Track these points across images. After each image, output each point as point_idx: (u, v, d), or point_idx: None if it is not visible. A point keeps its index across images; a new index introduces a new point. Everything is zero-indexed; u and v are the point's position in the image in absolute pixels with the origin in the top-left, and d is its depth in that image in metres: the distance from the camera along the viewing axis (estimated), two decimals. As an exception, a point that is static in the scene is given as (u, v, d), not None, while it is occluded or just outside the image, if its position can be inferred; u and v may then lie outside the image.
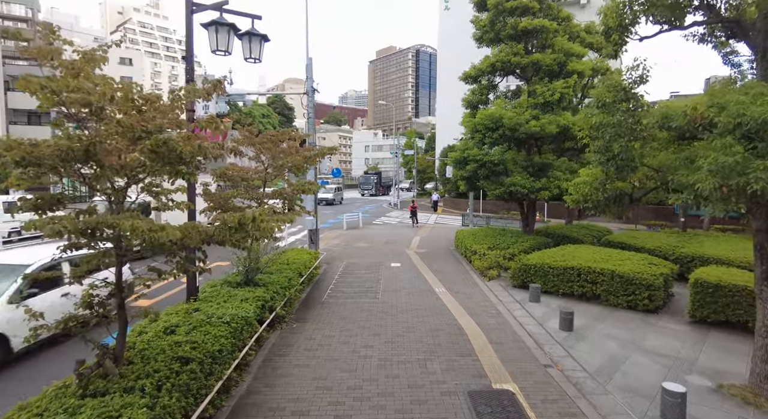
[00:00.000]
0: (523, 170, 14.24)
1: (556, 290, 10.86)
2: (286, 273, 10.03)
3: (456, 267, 14.05)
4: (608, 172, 6.12)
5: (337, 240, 19.65)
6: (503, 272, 13.17)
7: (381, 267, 13.78)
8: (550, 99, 13.80)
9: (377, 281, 11.99)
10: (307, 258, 12.24)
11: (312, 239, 16.75)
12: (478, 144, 14.54)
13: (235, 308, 6.99)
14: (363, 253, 16.43)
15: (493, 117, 13.82)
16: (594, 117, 6.28)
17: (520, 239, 14.75)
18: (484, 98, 15.82)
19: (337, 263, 14.42)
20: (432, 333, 8.02)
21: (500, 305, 9.93)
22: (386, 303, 9.88)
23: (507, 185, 13.83)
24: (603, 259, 11.00)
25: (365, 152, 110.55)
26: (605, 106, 6.01)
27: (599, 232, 18.07)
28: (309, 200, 16.36)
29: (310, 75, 16.68)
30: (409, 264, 14.34)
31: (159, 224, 3.74)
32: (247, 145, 9.87)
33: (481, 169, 14.27)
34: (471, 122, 14.68)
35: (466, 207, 40.00)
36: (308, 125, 16.82)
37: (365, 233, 22.05)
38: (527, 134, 13.68)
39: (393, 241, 19.55)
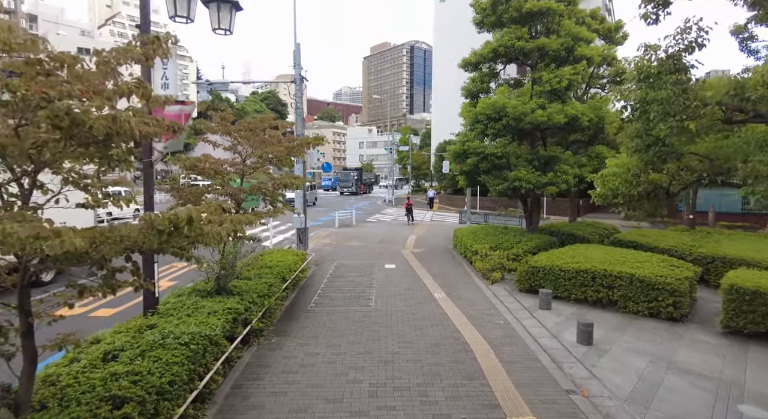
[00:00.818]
0: (527, 164, 13.17)
1: (567, 296, 9.82)
2: (267, 278, 8.91)
3: (456, 269, 12.98)
4: (648, 160, 5.06)
5: (329, 239, 18.53)
6: (507, 274, 12.13)
7: (374, 269, 12.68)
8: (558, 87, 12.73)
9: (370, 285, 10.89)
10: (293, 260, 11.11)
11: (300, 238, 15.61)
12: (479, 136, 13.46)
13: (198, 324, 5.86)
14: (355, 253, 15.32)
15: (495, 106, 12.73)
16: (633, 93, 5.20)
17: (524, 238, 13.70)
18: (485, 87, 14.72)
19: (326, 265, 13.30)
20: (432, 349, 6.94)
21: (507, 314, 8.87)
22: (380, 312, 8.79)
23: (511, 180, 12.76)
24: (618, 261, 9.98)
25: (359, 149, 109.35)
26: (648, 79, 4.92)
27: (605, 230, 17.10)
28: (298, 197, 15.24)
29: (298, 62, 15.51)
30: (405, 266, 13.25)
31: (54, 228, 2.62)
32: (222, 133, 8.72)
33: (482, 163, 13.20)
34: (471, 112, 13.59)
35: (462, 204, 38.98)
36: (296, 117, 15.66)
37: (358, 232, 20.94)
38: (533, 125, 12.60)
39: (387, 240, 18.45)
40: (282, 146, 8.72)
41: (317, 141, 8.88)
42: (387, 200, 41.50)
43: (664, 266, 9.64)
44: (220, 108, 8.69)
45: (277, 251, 12.14)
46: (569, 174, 12.83)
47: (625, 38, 16.95)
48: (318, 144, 9.06)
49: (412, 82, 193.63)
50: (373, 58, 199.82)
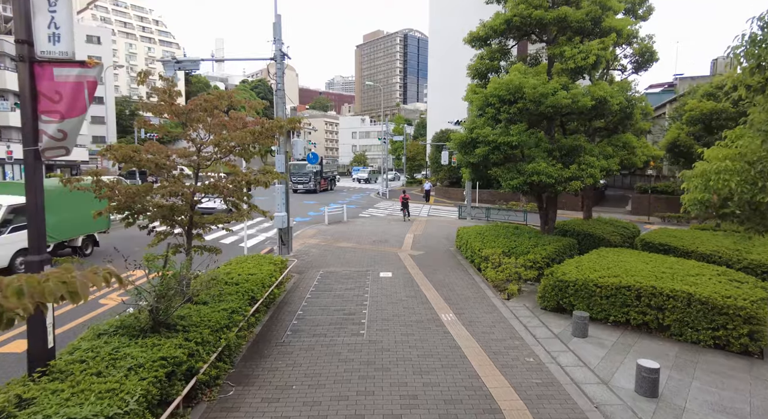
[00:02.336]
0: (547, 155, 11.25)
1: (604, 317, 8.00)
2: (230, 302, 6.95)
3: (462, 278, 11.09)
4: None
5: (316, 239, 16.56)
6: (523, 284, 10.29)
7: (367, 279, 10.77)
8: (583, 64, 10.77)
9: (362, 302, 8.98)
10: (269, 271, 9.16)
11: (283, 239, 13.65)
12: (489, 121, 11.49)
13: (103, 397, 3.90)
14: (346, 257, 13.39)
15: (510, 86, 10.75)
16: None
17: (541, 241, 11.85)
18: (495, 65, 12.72)
19: (311, 273, 11.36)
20: (447, 410, 5.06)
21: (537, 346, 7.01)
22: (374, 346, 6.88)
23: (528, 173, 10.84)
24: (666, 273, 8.16)
25: (352, 139, 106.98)
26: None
27: (626, 229, 15.30)
28: (279, 193, 13.24)
29: (279, 36, 13.42)
30: (403, 274, 11.35)
31: None
32: (168, 114, 6.68)
33: (493, 153, 11.25)
34: (480, 94, 11.60)
35: (459, 197, 37.11)
36: (276, 99, 13.59)
37: (350, 230, 18.99)
38: (554, 109, 10.65)
39: (382, 239, 16.52)
40: (247, 130, 6.70)
41: (292, 123, 6.90)
42: (381, 193, 39.50)
43: (725, 281, 7.83)
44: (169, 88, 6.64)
45: (250, 259, 10.16)
46: (595, 167, 10.94)
47: (650, 12, 15.00)
48: (294, 127, 7.08)
49: (405, 71, 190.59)
50: (366, 47, 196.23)
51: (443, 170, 39.16)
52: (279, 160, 13.40)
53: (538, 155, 11.23)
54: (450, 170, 37.73)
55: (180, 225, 7.09)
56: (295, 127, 7.00)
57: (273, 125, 6.68)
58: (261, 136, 6.78)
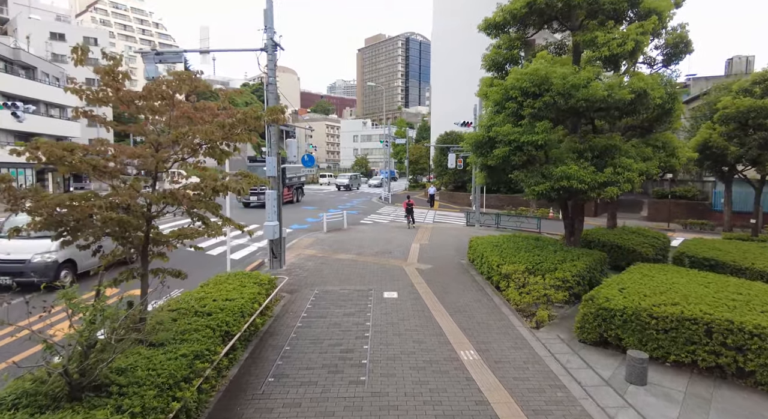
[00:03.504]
0: (577, 157, 9.74)
1: (662, 356, 6.46)
2: (196, 341, 5.44)
3: (479, 299, 9.56)
4: None
5: (313, 250, 15.04)
6: (553, 307, 8.75)
7: (369, 300, 9.24)
8: (619, 51, 9.28)
9: (362, 333, 7.44)
10: (251, 295, 7.63)
11: (274, 252, 12.14)
12: (510, 118, 9.98)
13: None
14: (345, 272, 11.86)
15: (536, 77, 9.25)
16: None
17: (568, 256, 10.31)
18: (515, 55, 11.24)
19: (304, 293, 9.84)
20: None
21: (586, 399, 5.46)
22: (378, 399, 5.34)
23: (556, 177, 9.32)
24: (738, 301, 6.64)
25: (354, 142, 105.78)
26: None
27: (656, 239, 13.75)
28: (270, 201, 11.74)
29: (270, 24, 11.97)
30: (411, 293, 9.82)
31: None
32: (114, 102, 5.19)
33: (515, 154, 9.74)
34: (499, 86, 10.10)
35: (464, 202, 35.55)
36: (267, 94, 12.12)
37: (350, 238, 17.46)
38: (588, 103, 9.14)
39: (385, 250, 14.99)
40: (216, 123, 5.20)
41: (274, 114, 5.42)
42: (383, 198, 38.01)
43: (816, 313, 6.30)
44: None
45: (232, 278, 8.64)
46: (633, 170, 9.42)
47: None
48: (275, 119, 5.59)
49: (407, 74, 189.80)
50: (368, 51, 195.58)
51: (448, 174, 37.65)
52: (270, 162, 11.91)
53: (567, 156, 9.72)
54: (455, 174, 36.24)
55: (133, 244, 5.60)
56: (277, 119, 5.52)
57: (247, 115, 5.18)
58: (233, 130, 5.29)
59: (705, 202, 25.62)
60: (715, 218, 23.32)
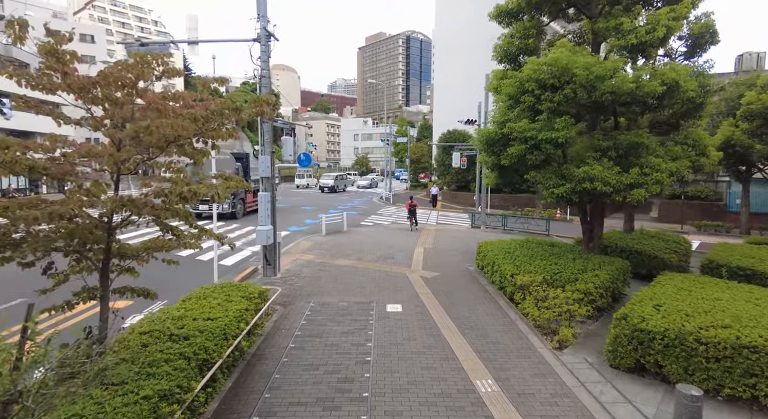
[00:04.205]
0: (600, 156, 8.82)
1: (713, 388, 5.55)
2: (162, 376, 4.54)
3: (493, 313, 8.65)
4: None
5: (310, 254, 14.14)
6: (575, 323, 7.84)
7: (371, 315, 8.34)
8: (648, 38, 8.36)
9: (363, 357, 6.53)
10: (237, 312, 6.74)
11: (268, 258, 11.24)
12: (526, 113, 9.07)
13: None
14: (344, 280, 10.96)
15: (555, 67, 8.33)
16: None
17: (589, 264, 9.41)
18: (530, 44, 10.30)
19: (299, 306, 8.94)
20: None
21: (632, 447, 4.56)
22: (383, 447, 4.45)
23: (578, 179, 8.41)
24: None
25: (354, 141, 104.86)
26: None
27: (677, 244, 12.83)
28: (263, 201, 10.84)
29: (263, 12, 11.08)
30: (417, 306, 8.91)
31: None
32: (64, 89, 4.28)
33: (532, 153, 8.83)
34: (514, 78, 9.17)
35: (467, 202, 34.62)
36: (260, 87, 11.21)
37: (350, 242, 16.56)
38: (614, 96, 8.22)
39: (387, 255, 14.09)
40: (186, 117, 4.29)
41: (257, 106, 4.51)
42: (384, 198, 37.09)
43: None
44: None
45: (218, 291, 7.75)
46: (662, 170, 8.50)
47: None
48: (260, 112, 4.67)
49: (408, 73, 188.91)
50: (368, 49, 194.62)
51: (451, 173, 36.72)
52: (263, 162, 11.01)
53: (589, 155, 8.80)
54: (458, 173, 35.30)
55: (91, 260, 4.70)
56: (263, 111, 4.60)
57: (224, 107, 4.27)
58: (208, 125, 4.38)
59: (719, 203, 24.67)
60: (730, 220, 22.38)
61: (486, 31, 34.82)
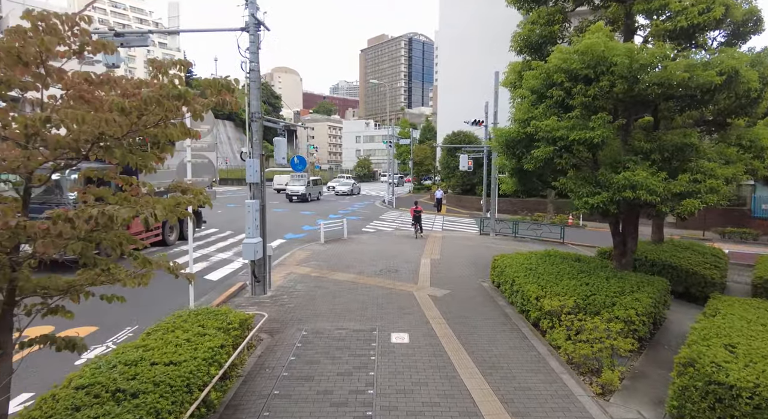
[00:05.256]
0: (644, 158, 7.51)
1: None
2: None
3: (517, 345, 7.34)
4: None
5: (306, 266, 12.86)
6: (614, 356, 6.52)
7: (372, 349, 7.04)
8: (701, 21, 7.09)
9: (363, 413, 5.22)
10: (208, 352, 5.45)
11: (256, 275, 9.96)
12: (553, 108, 7.78)
13: None
14: (342, 300, 9.67)
15: (590, 55, 7.05)
16: None
17: (626, 284, 8.10)
18: (554, 31, 9.03)
19: (288, 336, 7.65)
20: None
21: None
22: None
23: (617, 186, 7.11)
24: None
25: (356, 143, 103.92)
26: None
27: (715, 257, 11.51)
28: (251, 211, 9.57)
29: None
30: (426, 336, 7.61)
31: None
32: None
33: (562, 155, 7.55)
34: (539, 70, 7.88)
35: (473, 206, 33.26)
36: (250, 83, 9.97)
37: (350, 252, 15.29)
38: (662, 88, 6.92)
39: (391, 268, 12.80)
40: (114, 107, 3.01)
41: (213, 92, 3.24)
42: (387, 202, 35.83)
43: None
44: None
45: (191, 319, 6.47)
46: (717, 177, 7.20)
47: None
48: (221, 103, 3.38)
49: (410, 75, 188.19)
50: (371, 51, 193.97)
51: (456, 176, 35.43)
52: (251, 166, 9.75)
53: (628, 159, 7.49)
54: (463, 176, 34.01)
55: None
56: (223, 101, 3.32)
57: (163, 94, 2.97)
58: (145, 118, 3.12)
59: (742, 208, 23.29)
60: (756, 226, 21.04)
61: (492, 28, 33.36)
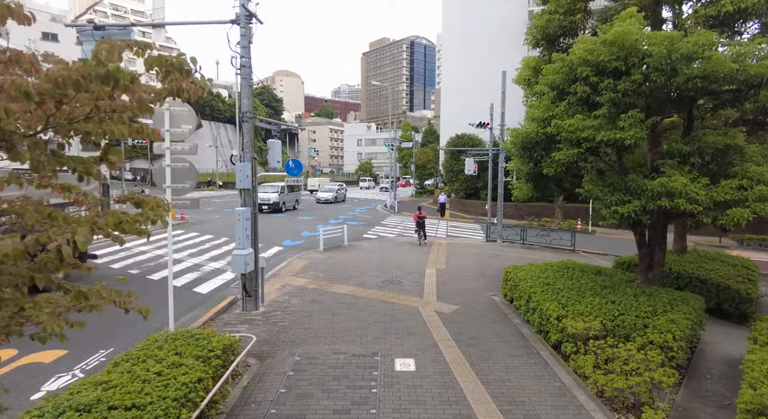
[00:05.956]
0: (681, 162, 6.66)
1: None
2: None
3: (538, 374, 6.46)
4: None
5: (304, 277, 12.01)
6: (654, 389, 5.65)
7: (374, 378, 6.18)
8: (750, 4, 6.24)
9: (364, 464, 4.38)
10: (180, 389, 4.61)
11: (247, 289, 9.12)
12: (577, 106, 6.93)
13: None
14: (341, 318, 8.82)
15: (621, 46, 6.22)
16: None
17: (658, 303, 7.23)
18: (576, 21, 8.19)
19: (279, 361, 6.79)
20: None
21: None
22: None
23: (651, 193, 6.26)
24: None
25: (358, 146, 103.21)
26: None
27: (748, 269, 10.61)
28: (242, 219, 8.74)
29: (244, -12, 9.00)
30: (435, 362, 6.75)
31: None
32: None
33: (585, 159, 6.70)
34: (561, 63, 7.05)
35: (477, 210, 32.36)
36: (241, 80, 9.17)
37: (351, 260, 14.44)
38: (705, 82, 6.08)
39: (394, 279, 11.95)
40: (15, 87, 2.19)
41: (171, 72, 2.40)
42: (389, 206, 34.98)
43: None
44: None
45: (168, 345, 5.64)
46: (767, 182, 6.33)
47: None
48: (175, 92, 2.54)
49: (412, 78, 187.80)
50: (372, 54, 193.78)
51: (459, 180, 34.58)
52: (241, 170, 8.93)
53: (663, 162, 6.64)
54: (467, 180, 33.13)
55: None
56: (178, 90, 2.47)
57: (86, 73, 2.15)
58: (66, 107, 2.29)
59: (759, 213, 22.32)
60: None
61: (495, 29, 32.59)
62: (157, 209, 3.19)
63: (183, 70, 2.46)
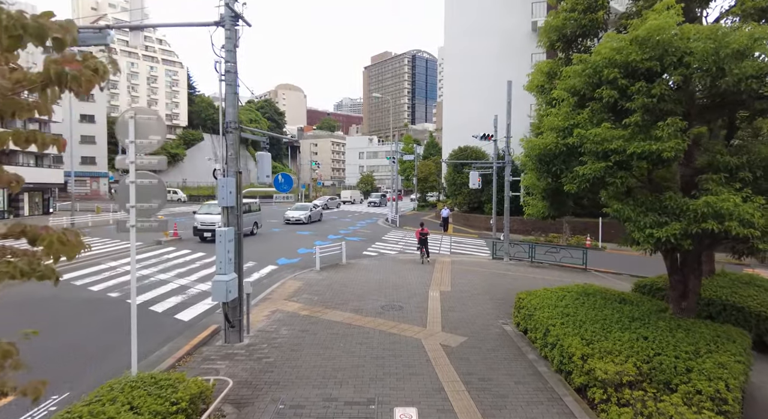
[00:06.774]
0: (729, 177, 5.72)
1: None
2: None
3: (563, 427, 5.44)
4: None
5: (296, 302, 11.02)
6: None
7: (369, 434, 5.17)
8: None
9: None
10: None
11: (230, 320, 8.14)
12: (602, 113, 6.04)
13: None
14: (334, 352, 7.81)
15: (655, 42, 5.34)
16: None
17: (700, 340, 6.23)
18: (599, 19, 7.33)
19: (259, 409, 5.79)
20: None
21: None
22: None
23: (694, 215, 5.31)
24: None
25: (359, 159, 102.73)
26: None
27: (784, 294, 9.58)
28: (224, 241, 7.80)
29: (230, -13, 8.21)
30: (441, 412, 5.73)
31: None
32: None
33: (616, 174, 5.77)
34: (584, 65, 6.17)
35: (481, 224, 31.35)
36: (226, 87, 8.33)
37: (348, 282, 13.44)
38: (759, 83, 5.18)
39: (394, 303, 10.95)
40: None
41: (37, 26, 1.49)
42: (390, 220, 34.04)
43: None
44: None
45: (124, 396, 4.67)
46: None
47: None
48: (56, 71, 1.56)
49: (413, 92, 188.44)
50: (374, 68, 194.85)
51: (462, 194, 33.68)
52: (223, 186, 8.01)
53: (709, 177, 5.70)
54: (470, 194, 32.22)
55: None
56: (59, 67, 1.64)
57: None
58: None
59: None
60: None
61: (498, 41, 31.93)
62: (62, 247, 2.28)
63: (65, 28, 1.54)
